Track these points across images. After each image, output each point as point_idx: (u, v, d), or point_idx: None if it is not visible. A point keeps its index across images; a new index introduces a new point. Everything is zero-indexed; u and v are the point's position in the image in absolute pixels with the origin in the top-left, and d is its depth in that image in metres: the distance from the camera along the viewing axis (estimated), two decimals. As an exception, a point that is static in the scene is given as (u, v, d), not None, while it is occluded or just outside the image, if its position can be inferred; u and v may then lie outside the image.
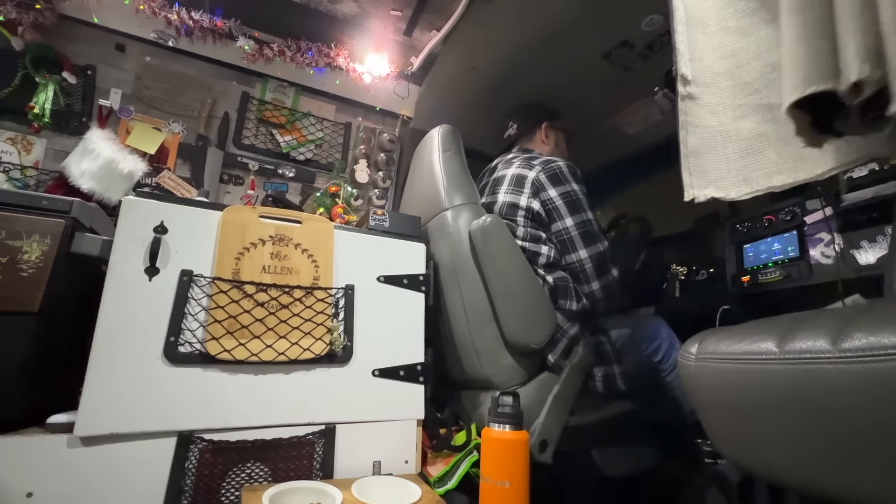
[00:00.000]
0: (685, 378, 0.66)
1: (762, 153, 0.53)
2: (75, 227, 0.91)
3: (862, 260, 1.13)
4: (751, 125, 0.55)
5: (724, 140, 0.57)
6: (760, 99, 0.54)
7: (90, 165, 1.49)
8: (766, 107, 0.53)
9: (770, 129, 0.53)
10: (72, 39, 1.66)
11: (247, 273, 0.95)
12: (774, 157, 0.52)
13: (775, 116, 0.52)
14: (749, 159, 0.54)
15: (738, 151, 0.55)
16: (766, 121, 0.53)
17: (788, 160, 0.51)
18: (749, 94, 0.55)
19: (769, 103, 0.53)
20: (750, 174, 0.54)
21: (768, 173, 0.53)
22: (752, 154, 0.54)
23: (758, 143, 0.54)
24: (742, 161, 0.55)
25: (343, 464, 0.95)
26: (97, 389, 0.80)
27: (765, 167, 0.53)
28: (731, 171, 0.56)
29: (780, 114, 0.50)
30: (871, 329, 0.43)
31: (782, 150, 0.52)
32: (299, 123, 2.01)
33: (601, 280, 1.16)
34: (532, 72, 1.72)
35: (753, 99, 0.55)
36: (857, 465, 0.44)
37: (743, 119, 0.55)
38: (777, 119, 0.52)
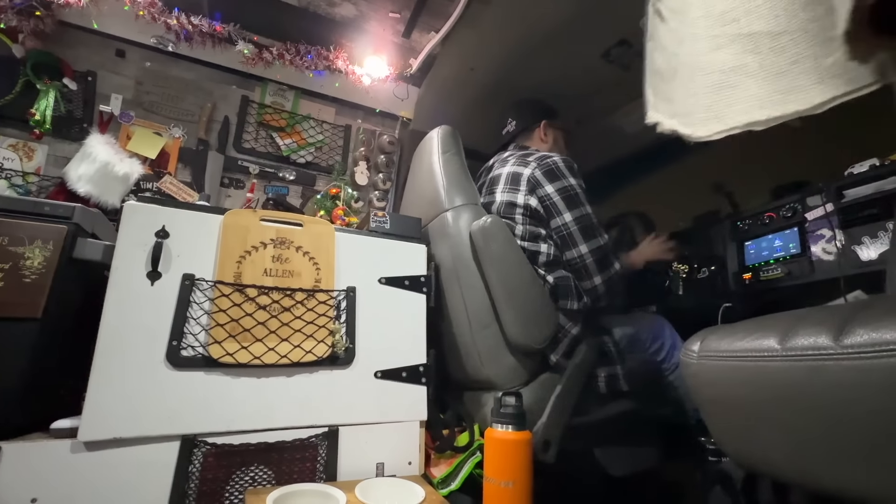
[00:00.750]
0: (687, 376, 0.65)
1: (739, 86, 0.48)
2: (77, 232, 0.91)
3: (863, 256, 1.13)
4: (726, 56, 0.49)
5: (692, 72, 0.52)
6: (740, 28, 0.49)
7: (87, 169, 1.50)
8: (746, 36, 0.48)
9: (751, 59, 0.48)
10: (72, 46, 1.67)
11: (248, 276, 0.95)
12: (756, 90, 0.47)
13: (758, 46, 0.47)
14: (722, 93, 0.49)
15: (708, 86, 0.50)
16: (747, 51, 0.48)
17: (776, 92, 0.45)
18: (725, 23, 0.50)
19: (751, 32, 0.48)
20: (723, 110, 0.49)
21: (747, 108, 0.47)
22: (727, 87, 0.49)
23: (734, 76, 0.48)
24: (713, 96, 0.50)
25: (346, 466, 0.96)
26: (100, 394, 0.81)
27: (743, 101, 0.47)
28: (698, 107, 0.51)
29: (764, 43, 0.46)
30: (873, 325, 0.43)
31: (767, 83, 0.46)
32: (299, 126, 2.01)
33: (603, 274, 1.16)
34: (530, 71, 1.72)
35: (731, 29, 0.49)
36: (861, 462, 0.44)
37: (717, 50, 0.50)
38: (760, 49, 0.47)
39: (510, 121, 1.52)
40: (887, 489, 0.43)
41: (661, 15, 0.58)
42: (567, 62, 1.70)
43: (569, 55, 1.66)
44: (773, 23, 0.46)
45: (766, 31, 0.47)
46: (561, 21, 1.49)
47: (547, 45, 1.60)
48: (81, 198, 1.48)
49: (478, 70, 1.75)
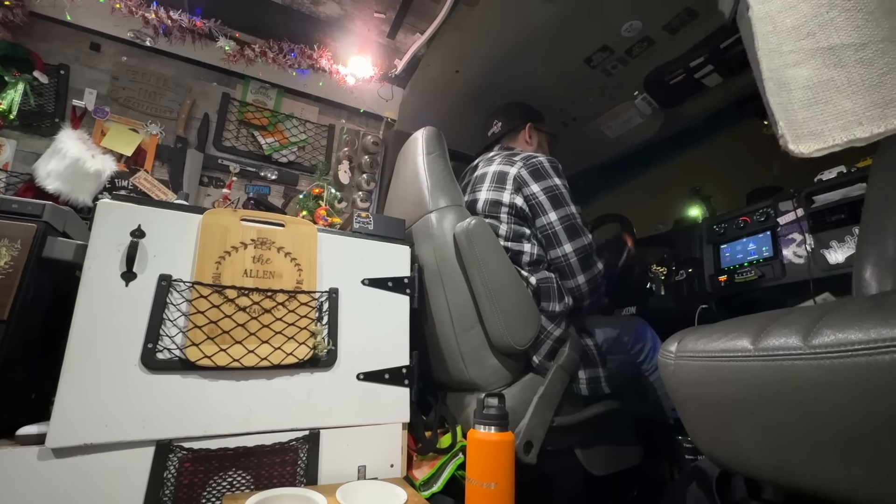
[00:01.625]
0: (665, 376, 0.67)
1: (830, 102, 0.45)
2: (47, 231, 0.88)
3: (832, 259, 1.17)
4: (809, 72, 0.47)
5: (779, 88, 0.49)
6: (817, 42, 0.47)
7: (57, 166, 1.44)
8: (826, 50, 0.46)
9: (837, 74, 0.45)
10: (44, 38, 1.61)
11: (228, 277, 0.93)
12: (850, 106, 0.44)
13: (841, 59, 0.45)
14: (814, 109, 0.46)
15: (797, 102, 0.48)
16: (830, 66, 0.46)
17: (871, 107, 0.43)
18: (799, 38, 0.48)
19: (830, 45, 0.46)
20: (818, 127, 0.46)
21: (845, 124, 0.44)
22: (818, 104, 0.46)
23: (822, 92, 0.46)
24: (805, 112, 0.47)
25: (327, 469, 0.94)
26: (70, 399, 0.78)
27: (838, 118, 0.45)
28: (795, 122, 0.48)
29: (847, 56, 0.45)
30: (840, 326, 0.44)
31: (859, 97, 0.44)
32: (282, 125, 1.99)
33: (587, 273, 1.18)
34: (515, 75, 1.74)
35: (807, 44, 0.47)
36: (831, 457, 0.46)
37: (797, 66, 0.48)
38: (844, 62, 0.45)
39: (496, 122, 1.53)
40: (856, 483, 0.44)
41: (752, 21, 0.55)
42: (551, 67, 1.72)
43: (553, 60, 1.68)
44: (854, 34, 0.45)
45: (848, 44, 0.45)
46: (545, 26, 1.52)
47: (531, 50, 1.62)
48: (51, 195, 1.43)
49: (463, 72, 1.76)
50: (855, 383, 0.42)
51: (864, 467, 0.43)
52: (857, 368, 0.41)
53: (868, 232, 0.78)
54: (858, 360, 0.41)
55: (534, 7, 1.44)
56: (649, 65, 1.69)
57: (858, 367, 0.41)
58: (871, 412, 0.41)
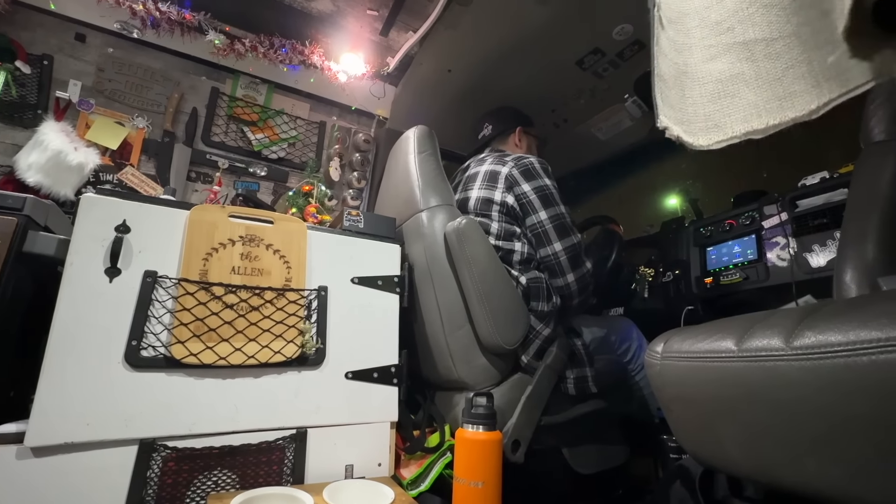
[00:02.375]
0: (651, 376, 0.68)
1: (737, 95, 0.48)
2: (28, 225, 0.86)
3: (814, 263, 1.20)
4: (722, 66, 0.49)
5: (690, 82, 0.52)
6: (734, 37, 0.49)
7: (38, 158, 1.41)
8: (741, 45, 0.48)
9: (747, 68, 0.47)
10: (27, 27, 1.57)
11: (215, 274, 0.92)
12: (753, 98, 0.47)
13: (753, 54, 0.47)
14: (721, 103, 0.49)
15: (706, 95, 0.50)
16: (742, 59, 0.48)
17: (772, 99, 0.46)
18: (720, 33, 0.50)
19: (745, 40, 0.48)
20: (722, 119, 0.49)
21: (746, 116, 0.47)
22: (725, 97, 0.48)
23: (732, 85, 0.48)
24: (711, 105, 0.50)
25: (315, 468, 0.94)
26: (51, 397, 0.76)
27: (741, 110, 0.47)
28: (697, 116, 0.51)
29: (758, 50, 0.46)
30: (821, 328, 0.45)
31: (763, 90, 0.46)
32: (272, 121, 1.96)
33: (576, 272, 1.19)
34: (507, 75, 1.75)
35: (725, 38, 0.49)
36: (806, 455, 0.47)
37: (713, 60, 0.50)
38: (755, 56, 0.47)
39: (486, 125, 1.54)
40: (832, 481, 0.45)
41: (661, 22, 0.58)
42: (543, 68, 1.73)
43: (545, 61, 1.69)
44: (766, 30, 0.46)
45: (760, 38, 0.46)
46: (538, 27, 1.52)
47: (524, 51, 1.63)
48: (32, 188, 1.40)
49: (455, 72, 1.76)
50: (834, 384, 0.43)
51: (839, 465, 0.44)
52: (836, 369, 0.42)
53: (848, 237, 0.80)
54: (837, 362, 0.42)
55: (527, 8, 1.44)
56: (640, 68, 1.71)
57: (837, 368, 0.42)
58: (847, 412, 0.42)
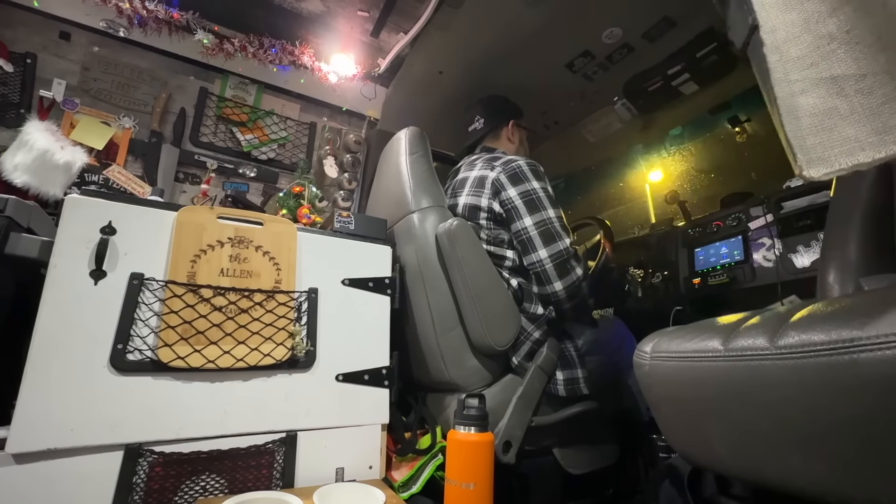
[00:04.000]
0: (640, 376, 0.68)
1: (835, 129, 0.48)
2: (10, 226, 0.84)
3: (798, 263, 1.22)
4: (814, 101, 0.50)
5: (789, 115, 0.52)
6: (820, 73, 0.49)
7: (24, 158, 1.38)
8: (829, 80, 0.49)
9: (840, 103, 0.48)
10: (9, 25, 1.54)
11: (203, 276, 0.91)
12: (853, 133, 0.47)
13: (843, 89, 0.48)
14: (821, 136, 0.49)
15: (806, 128, 0.50)
16: (833, 95, 0.48)
17: (873, 133, 0.46)
18: (804, 68, 0.50)
19: (832, 76, 0.48)
20: (826, 152, 0.49)
21: (849, 150, 0.47)
22: (824, 131, 0.49)
23: (828, 119, 0.49)
24: (813, 138, 0.50)
25: (305, 472, 0.93)
26: (33, 402, 0.75)
27: (843, 144, 0.48)
28: (804, 148, 0.51)
29: (848, 86, 0.47)
30: (804, 328, 0.46)
31: (861, 125, 0.47)
32: (261, 122, 1.95)
33: (564, 280, 1.14)
34: (498, 77, 1.76)
35: (811, 73, 0.50)
36: (791, 453, 0.48)
37: (803, 94, 0.51)
38: (846, 92, 0.48)
39: (477, 118, 1.49)
40: (816, 477, 0.46)
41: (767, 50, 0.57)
42: (533, 70, 1.74)
43: (535, 63, 1.70)
44: (853, 66, 0.47)
45: (848, 75, 0.47)
46: (528, 30, 1.53)
47: (514, 53, 1.64)
48: (19, 189, 1.37)
49: (446, 73, 1.76)
50: (817, 382, 0.44)
51: (823, 462, 0.45)
52: (820, 368, 0.43)
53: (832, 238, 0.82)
54: (820, 360, 0.43)
55: (517, 11, 1.45)
56: (629, 71, 1.73)
57: (821, 367, 0.43)
58: (831, 410, 0.43)
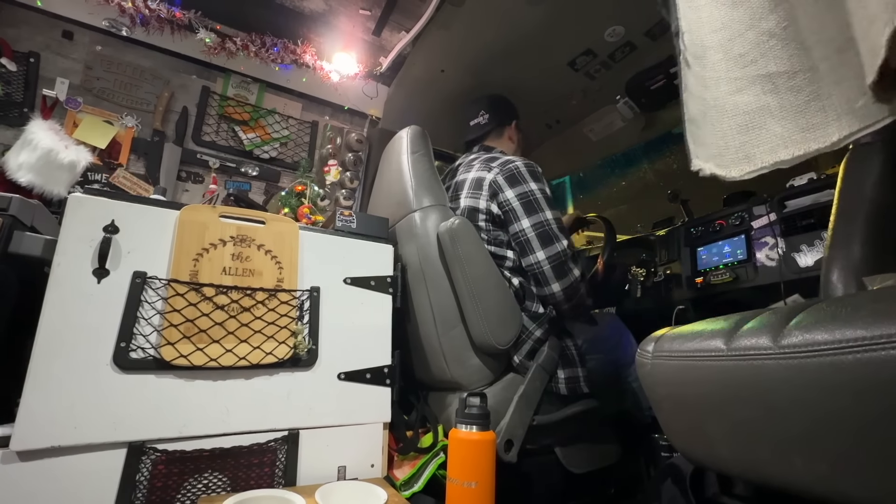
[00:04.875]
0: (642, 376, 0.68)
1: (764, 127, 0.50)
2: (14, 225, 0.84)
3: (801, 262, 1.22)
4: (749, 98, 0.51)
5: (720, 115, 0.54)
6: (758, 69, 0.50)
7: (28, 157, 1.39)
8: (765, 77, 0.50)
9: (772, 100, 0.49)
10: (13, 24, 1.55)
11: (206, 275, 0.91)
12: (779, 130, 0.49)
13: (776, 86, 0.49)
14: (749, 135, 0.51)
15: (735, 127, 0.52)
16: (767, 92, 0.50)
17: (796, 131, 0.48)
18: (744, 65, 0.52)
19: (768, 73, 0.50)
20: (751, 150, 0.50)
21: (773, 147, 0.49)
22: (753, 129, 0.50)
23: (759, 117, 0.50)
24: (741, 137, 0.51)
25: (307, 470, 0.93)
26: (37, 400, 0.75)
27: (768, 141, 0.49)
28: (729, 148, 0.52)
29: (781, 82, 0.48)
30: (808, 327, 0.46)
31: (788, 122, 0.48)
32: (263, 121, 1.95)
33: (562, 282, 1.14)
34: (499, 75, 1.75)
35: (750, 70, 0.51)
36: (793, 453, 0.48)
37: (739, 93, 0.52)
38: (778, 89, 0.49)
39: (482, 113, 1.47)
40: (819, 477, 0.46)
41: (687, 63, 0.60)
42: (535, 68, 1.73)
43: (537, 62, 1.70)
44: (787, 63, 0.48)
45: (782, 71, 0.48)
46: (530, 28, 1.53)
47: (516, 51, 1.63)
48: (24, 188, 1.38)
49: (448, 72, 1.76)
50: (820, 382, 0.44)
51: (826, 462, 0.45)
52: (823, 368, 0.43)
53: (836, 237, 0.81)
54: (824, 360, 0.43)
55: (519, 9, 1.45)
56: (631, 69, 1.73)
57: (824, 367, 0.43)
58: (833, 409, 0.43)
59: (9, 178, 1.38)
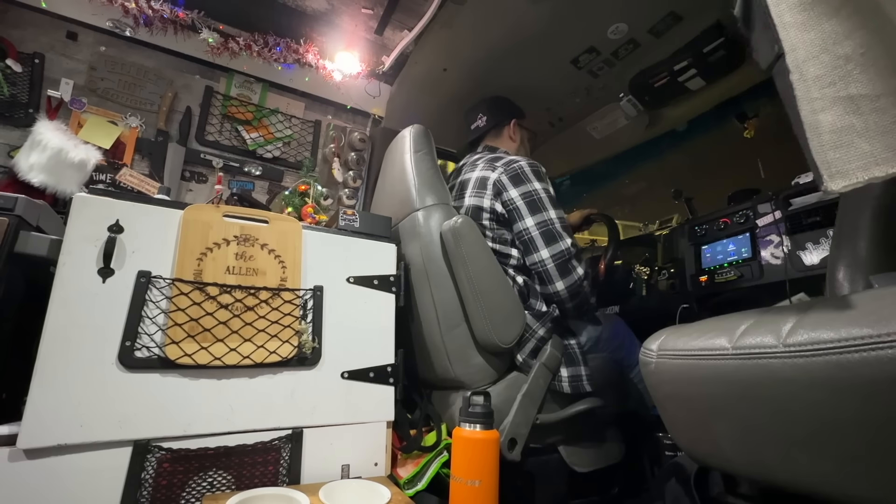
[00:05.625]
0: (646, 374, 0.68)
1: (852, 145, 0.51)
2: (20, 225, 0.85)
3: (807, 261, 1.21)
4: (832, 118, 0.53)
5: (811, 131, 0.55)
6: (837, 92, 0.52)
7: (38, 158, 1.40)
8: (846, 99, 0.52)
9: (856, 120, 0.51)
10: (17, 25, 1.55)
11: (210, 274, 0.92)
12: (868, 148, 0.50)
13: (859, 107, 0.51)
14: (840, 151, 0.52)
15: (826, 144, 0.53)
16: (850, 113, 0.52)
17: (887, 149, 0.50)
18: (823, 87, 0.53)
19: (849, 95, 0.51)
20: (844, 167, 0.52)
21: (865, 164, 0.50)
22: (842, 147, 0.52)
23: (845, 136, 0.52)
24: (833, 154, 0.53)
25: (311, 469, 0.94)
26: (44, 398, 0.76)
27: (859, 159, 0.51)
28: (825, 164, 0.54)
29: (864, 104, 0.50)
30: (813, 326, 0.46)
31: (875, 141, 0.50)
32: (266, 120, 1.96)
33: (566, 280, 1.15)
34: (502, 74, 1.75)
35: (829, 92, 0.53)
36: (798, 452, 0.47)
37: (823, 112, 0.54)
38: (862, 110, 0.51)
39: (480, 115, 1.51)
40: (824, 476, 0.46)
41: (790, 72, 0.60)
42: (538, 66, 1.73)
43: (540, 60, 1.69)
44: (868, 86, 0.50)
45: (864, 94, 0.50)
46: (533, 26, 1.52)
47: (519, 49, 1.63)
48: (36, 189, 1.39)
49: (450, 70, 1.76)
50: (825, 380, 0.43)
51: (831, 461, 0.44)
52: (828, 366, 0.43)
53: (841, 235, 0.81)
54: (829, 359, 0.43)
55: (522, 7, 1.44)
56: (634, 67, 1.72)
57: (829, 365, 0.43)
58: (838, 408, 0.43)
59: (21, 180, 1.39)
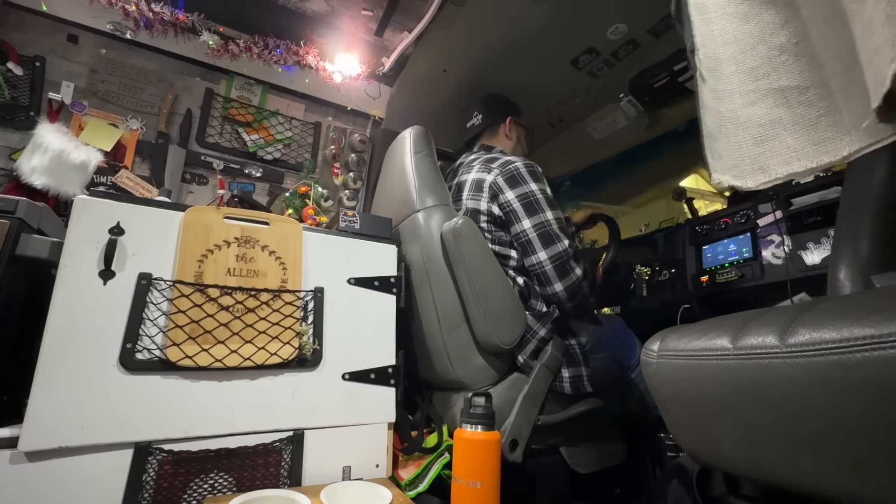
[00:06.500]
0: (648, 375, 0.68)
1: (777, 139, 0.51)
2: (21, 228, 0.85)
3: (808, 260, 1.21)
4: (762, 111, 0.53)
5: (735, 127, 0.55)
6: (770, 83, 0.52)
7: (40, 161, 1.41)
8: (777, 91, 0.51)
9: (784, 113, 0.51)
10: (18, 28, 1.56)
11: (210, 276, 0.92)
12: (792, 143, 0.50)
13: (788, 100, 0.51)
14: (764, 146, 0.52)
15: (750, 139, 0.53)
16: (779, 105, 0.51)
17: (808, 144, 0.49)
18: (756, 79, 0.53)
19: (780, 87, 0.51)
20: (766, 162, 0.52)
21: (787, 160, 0.50)
22: (767, 140, 0.52)
23: (772, 129, 0.52)
24: (756, 149, 0.53)
25: (312, 470, 0.94)
26: (45, 400, 0.76)
27: (782, 153, 0.51)
28: (744, 159, 0.54)
29: (793, 97, 0.50)
30: (815, 326, 0.45)
31: (800, 135, 0.50)
32: (267, 122, 1.96)
33: (564, 281, 1.15)
34: (502, 75, 1.75)
35: (762, 84, 0.53)
36: (801, 453, 0.47)
37: (753, 105, 0.54)
38: (790, 103, 0.50)
39: (475, 114, 1.50)
40: (827, 478, 0.46)
41: (702, 77, 0.61)
42: (538, 67, 1.73)
43: (539, 61, 1.69)
44: (798, 78, 0.50)
45: (793, 86, 0.50)
46: (532, 27, 1.52)
47: (519, 50, 1.63)
48: (38, 191, 1.39)
49: (450, 72, 1.76)
50: (828, 381, 0.43)
51: (834, 462, 0.44)
52: (831, 366, 0.43)
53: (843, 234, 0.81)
54: (831, 359, 0.43)
55: (521, 8, 1.44)
56: (634, 67, 1.72)
57: (831, 365, 0.43)
58: (841, 408, 0.43)
59: (24, 183, 1.39)
